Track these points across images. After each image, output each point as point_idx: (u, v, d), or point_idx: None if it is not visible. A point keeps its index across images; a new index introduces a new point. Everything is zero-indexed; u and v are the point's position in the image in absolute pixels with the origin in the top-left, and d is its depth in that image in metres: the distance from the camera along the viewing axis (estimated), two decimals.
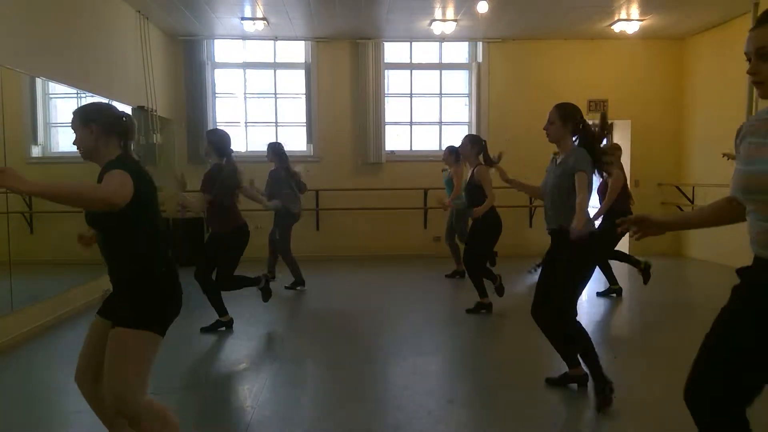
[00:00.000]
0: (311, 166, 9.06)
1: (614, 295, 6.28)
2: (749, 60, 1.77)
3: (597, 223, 5.42)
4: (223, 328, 5.11)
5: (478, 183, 5.42)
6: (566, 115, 3.52)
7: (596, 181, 4.17)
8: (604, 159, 3.58)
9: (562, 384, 3.75)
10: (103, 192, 2.16)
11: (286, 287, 6.79)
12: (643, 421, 3.32)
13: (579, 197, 3.39)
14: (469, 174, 5.64)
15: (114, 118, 2.46)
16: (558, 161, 3.58)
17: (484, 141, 5.58)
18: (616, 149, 6.15)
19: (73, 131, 2.47)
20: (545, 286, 3.59)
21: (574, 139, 3.56)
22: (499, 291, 5.85)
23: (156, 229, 2.46)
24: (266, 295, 5.40)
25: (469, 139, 5.63)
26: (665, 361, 4.30)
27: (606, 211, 5.75)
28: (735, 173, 1.84)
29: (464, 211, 6.74)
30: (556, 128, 3.53)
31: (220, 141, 4.97)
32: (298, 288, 6.83)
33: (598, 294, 6.33)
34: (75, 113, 2.46)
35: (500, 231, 5.58)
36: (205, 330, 5.08)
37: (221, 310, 5.11)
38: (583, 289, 3.62)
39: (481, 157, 5.46)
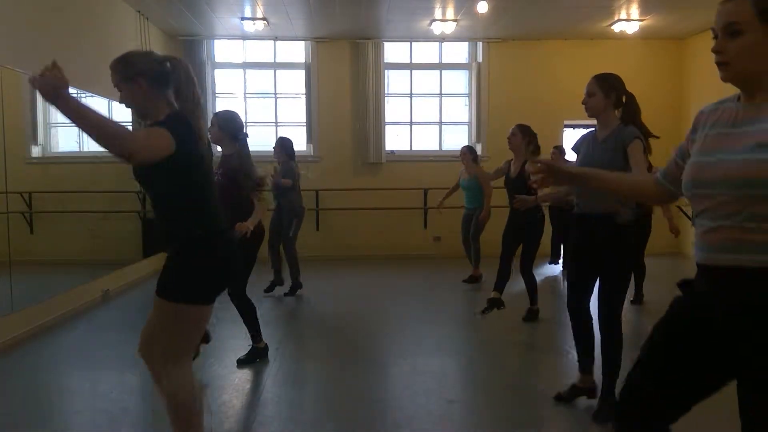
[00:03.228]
0: (312, 166, 9.07)
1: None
2: (716, 37, 1.59)
3: None
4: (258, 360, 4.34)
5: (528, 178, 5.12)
6: (608, 86, 3.23)
7: None
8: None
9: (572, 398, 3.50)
10: (126, 140, 2.04)
11: (285, 294, 6.62)
12: None
13: (638, 169, 3.08)
14: (518, 167, 5.24)
15: (159, 65, 2.26)
16: (601, 138, 3.27)
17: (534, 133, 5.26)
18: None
19: (117, 89, 2.27)
20: (585, 279, 3.35)
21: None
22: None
23: (204, 194, 2.33)
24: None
25: (520, 129, 5.25)
26: None
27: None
28: (690, 165, 1.66)
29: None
30: (597, 100, 3.23)
31: (231, 122, 4.15)
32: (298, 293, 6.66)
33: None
34: (113, 68, 2.26)
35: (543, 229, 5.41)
36: (242, 362, 4.29)
37: (257, 335, 4.36)
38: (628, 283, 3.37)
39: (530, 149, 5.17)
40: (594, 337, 3.44)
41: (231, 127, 4.10)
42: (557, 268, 8.08)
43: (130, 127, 7.49)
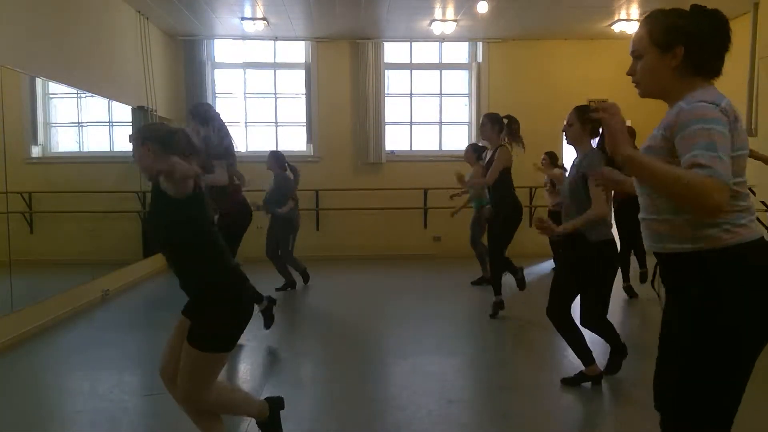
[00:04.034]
0: (311, 166, 9.07)
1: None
2: None
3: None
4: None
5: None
6: (586, 118, 3.56)
7: None
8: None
9: (577, 383, 3.75)
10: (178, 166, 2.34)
11: (277, 289, 6.70)
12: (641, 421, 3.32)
13: (592, 202, 3.43)
14: (489, 155, 5.31)
15: (166, 135, 2.51)
16: (575, 161, 3.66)
17: (505, 119, 5.22)
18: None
19: (134, 152, 2.54)
20: (564, 288, 3.68)
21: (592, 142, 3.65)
22: (521, 284, 5.79)
23: (215, 236, 2.52)
24: (268, 320, 4.85)
25: (489, 118, 5.30)
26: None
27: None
28: None
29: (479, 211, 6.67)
30: (575, 130, 3.60)
31: (202, 110, 4.60)
32: (289, 289, 6.81)
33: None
34: (135, 134, 2.55)
35: (519, 219, 5.39)
36: None
37: None
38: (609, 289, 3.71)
39: (504, 139, 5.21)
40: (582, 336, 3.73)
41: (200, 113, 4.58)
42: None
43: (130, 129, 7.54)
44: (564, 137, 3.79)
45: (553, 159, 7.59)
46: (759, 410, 3.34)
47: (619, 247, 5.37)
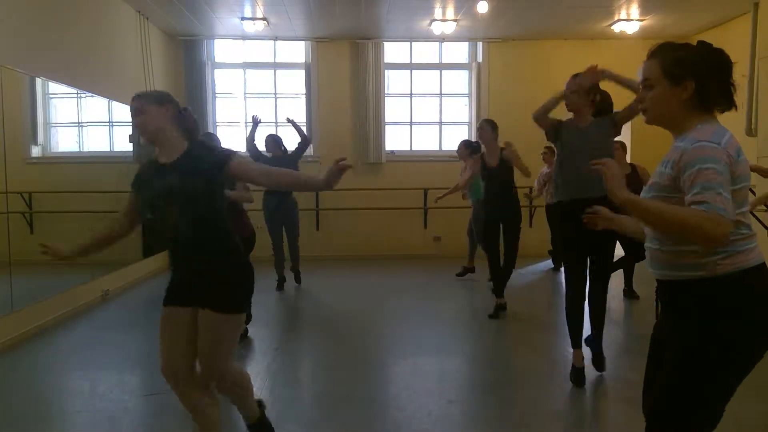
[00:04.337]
0: (311, 166, 9.06)
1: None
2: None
3: None
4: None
5: (509, 164, 5.44)
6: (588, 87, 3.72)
7: None
8: None
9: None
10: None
11: (277, 289, 6.77)
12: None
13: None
14: (495, 157, 5.55)
15: (179, 105, 2.60)
16: (584, 127, 3.74)
17: (477, 142, 5.69)
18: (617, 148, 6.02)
19: (139, 113, 2.48)
20: (583, 266, 3.77)
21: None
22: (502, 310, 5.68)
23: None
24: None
25: (488, 123, 5.66)
26: None
27: None
28: None
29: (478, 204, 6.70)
30: (577, 97, 3.72)
31: (209, 141, 4.85)
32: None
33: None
34: (145, 95, 2.55)
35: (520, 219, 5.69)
36: None
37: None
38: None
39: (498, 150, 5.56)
40: (582, 321, 3.87)
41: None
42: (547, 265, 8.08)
43: (130, 129, 7.51)
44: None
45: (554, 153, 7.59)
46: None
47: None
